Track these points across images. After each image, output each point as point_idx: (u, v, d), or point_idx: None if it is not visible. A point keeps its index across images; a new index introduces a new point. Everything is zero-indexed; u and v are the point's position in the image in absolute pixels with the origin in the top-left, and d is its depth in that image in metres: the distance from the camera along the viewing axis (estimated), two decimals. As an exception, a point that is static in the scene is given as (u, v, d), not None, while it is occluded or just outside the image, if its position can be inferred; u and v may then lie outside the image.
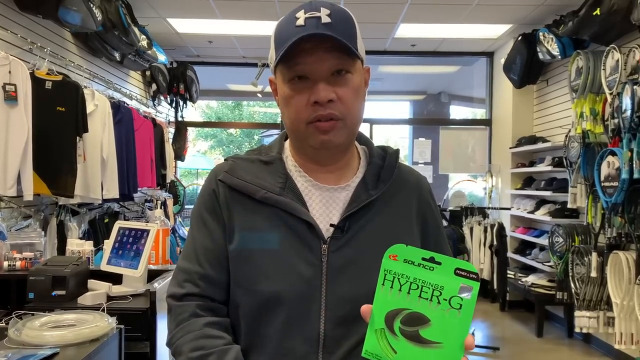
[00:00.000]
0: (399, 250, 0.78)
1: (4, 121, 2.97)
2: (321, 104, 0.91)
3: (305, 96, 0.92)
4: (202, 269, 0.98)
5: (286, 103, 0.96)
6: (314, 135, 0.94)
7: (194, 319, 0.96)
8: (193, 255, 1.00)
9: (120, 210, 4.83)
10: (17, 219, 3.22)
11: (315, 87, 0.91)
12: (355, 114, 0.97)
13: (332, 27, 0.90)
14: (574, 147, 4.27)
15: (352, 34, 0.93)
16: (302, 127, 0.95)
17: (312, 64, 0.91)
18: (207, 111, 17.34)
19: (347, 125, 0.95)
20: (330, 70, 0.92)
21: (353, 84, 0.95)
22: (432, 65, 7.59)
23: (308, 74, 0.92)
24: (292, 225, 0.96)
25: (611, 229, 3.66)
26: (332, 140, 0.95)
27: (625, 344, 3.59)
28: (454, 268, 0.76)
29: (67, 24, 3.46)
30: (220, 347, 0.92)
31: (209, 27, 5.61)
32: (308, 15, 0.91)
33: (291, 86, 0.94)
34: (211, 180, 1.03)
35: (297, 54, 0.91)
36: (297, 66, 0.92)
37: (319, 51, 0.90)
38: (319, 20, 0.90)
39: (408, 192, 1.06)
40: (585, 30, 4.06)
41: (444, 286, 0.75)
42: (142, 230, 2.04)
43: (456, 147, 6.67)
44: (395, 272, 0.77)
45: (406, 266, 0.77)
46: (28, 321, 1.50)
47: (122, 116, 4.32)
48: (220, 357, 0.90)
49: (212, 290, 0.98)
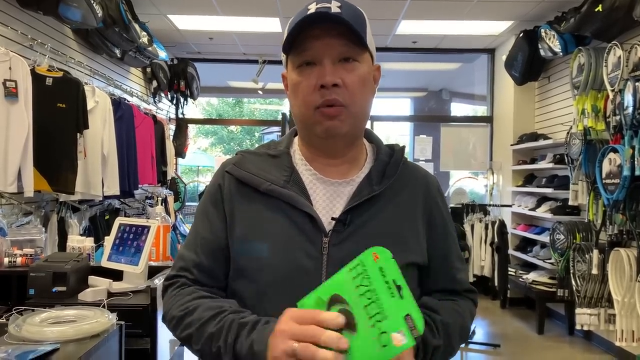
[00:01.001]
0: (383, 255, 0.75)
1: (5, 117, 2.97)
2: (327, 88, 0.93)
3: (312, 81, 0.94)
4: (197, 258, 1.01)
5: (295, 90, 0.98)
6: (320, 121, 0.96)
7: (187, 288, 0.99)
8: (192, 245, 1.03)
9: (120, 207, 4.82)
10: (18, 215, 3.22)
11: (322, 71, 0.93)
12: (361, 104, 0.97)
13: (341, 16, 0.92)
14: (575, 144, 4.27)
15: (361, 26, 0.95)
16: (309, 113, 0.96)
17: (320, 48, 0.93)
18: (207, 108, 17.34)
19: (352, 113, 0.96)
20: (337, 56, 0.94)
21: (360, 73, 0.96)
22: (433, 62, 7.58)
23: (316, 59, 0.94)
24: (294, 217, 0.97)
25: (612, 226, 3.65)
26: (338, 127, 0.96)
27: (626, 341, 3.59)
28: (405, 312, 0.72)
29: (67, 20, 3.45)
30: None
31: (209, 23, 5.61)
32: (319, 6, 0.94)
33: (300, 72, 0.96)
34: (219, 173, 1.06)
35: (306, 40, 0.94)
36: (305, 52, 0.94)
37: (327, 37, 0.93)
38: (328, 10, 0.93)
39: (414, 189, 1.05)
40: (587, 26, 4.05)
41: (388, 318, 0.72)
42: (142, 226, 2.04)
43: (457, 144, 6.66)
44: (365, 270, 0.75)
45: (377, 273, 0.74)
46: (28, 317, 1.50)
47: (123, 113, 4.32)
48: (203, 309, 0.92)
49: (204, 278, 1.01)
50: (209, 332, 0.89)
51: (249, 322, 0.86)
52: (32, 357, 1.28)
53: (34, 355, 1.28)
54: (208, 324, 0.89)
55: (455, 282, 1.08)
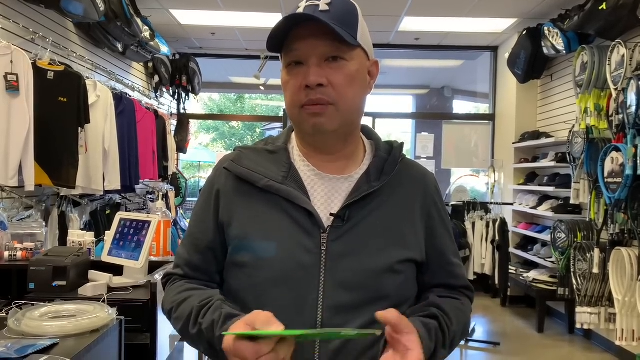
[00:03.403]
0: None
1: (6, 111, 2.96)
2: (312, 88, 0.93)
3: (299, 80, 0.95)
4: (188, 256, 1.06)
5: (284, 88, 1.00)
6: (306, 119, 0.97)
7: (177, 283, 1.06)
8: (186, 242, 1.07)
9: (121, 202, 4.82)
10: (19, 209, 3.22)
11: (307, 71, 0.94)
12: (349, 101, 0.97)
13: (328, 14, 0.92)
14: (577, 143, 4.25)
15: (350, 23, 0.95)
16: (295, 111, 0.98)
17: (305, 49, 0.94)
18: (209, 104, 17.32)
19: (340, 110, 0.96)
20: (323, 55, 0.94)
21: (347, 71, 0.96)
22: (436, 59, 7.56)
23: (302, 59, 0.95)
24: (292, 213, 0.97)
25: (614, 225, 3.64)
26: (324, 124, 0.96)
27: (626, 340, 3.59)
28: None
29: (69, 14, 3.44)
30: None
31: (211, 18, 5.59)
32: (308, 3, 0.94)
33: (288, 71, 0.98)
34: (216, 170, 1.08)
35: (294, 40, 0.95)
36: (293, 52, 0.96)
37: (312, 37, 0.93)
38: (316, 8, 0.93)
39: (413, 186, 1.06)
40: (590, 25, 4.03)
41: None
42: (143, 221, 2.03)
43: (459, 142, 6.65)
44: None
45: None
46: (28, 311, 1.50)
47: (125, 107, 4.31)
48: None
49: (195, 274, 1.05)
50: (190, 330, 0.96)
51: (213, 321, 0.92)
52: (32, 351, 1.27)
53: (34, 350, 1.28)
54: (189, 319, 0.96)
55: (452, 277, 1.09)
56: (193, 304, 0.96)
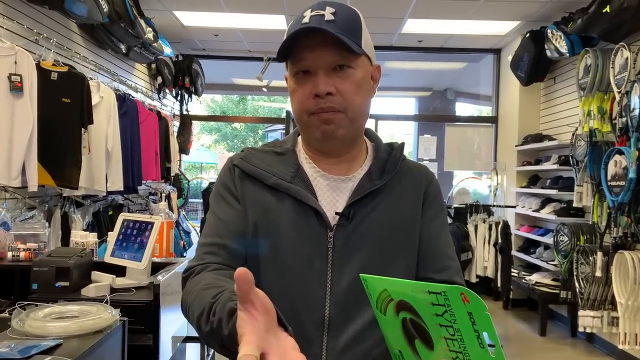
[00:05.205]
0: (475, 302, 0.66)
1: (9, 112, 2.97)
2: (321, 97, 0.96)
3: (307, 89, 0.98)
4: (222, 240, 1.00)
5: (292, 96, 1.02)
6: (316, 126, 0.99)
7: (206, 273, 0.95)
8: (213, 230, 1.02)
9: (124, 203, 4.83)
10: (22, 209, 3.22)
11: (316, 80, 0.96)
12: (357, 107, 1.00)
13: (334, 24, 0.95)
14: (580, 146, 4.25)
15: (355, 32, 0.98)
16: (305, 117, 1.00)
17: (314, 59, 0.97)
18: (211, 105, 17.35)
19: (349, 117, 0.99)
20: (331, 65, 0.97)
21: (354, 79, 0.99)
22: (439, 61, 7.55)
23: (310, 68, 0.97)
24: (300, 212, 1.00)
25: (617, 228, 3.64)
26: (334, 131, 0.99)
27: (629, 344, 3.58)
28: None
29: (73, 15, 3.45)
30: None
31: (215, 20, 5.60)
32: (314, 13, 0.97)
33: (296, 80, 1.00)
34: (227, 166, 1.09)
35: (301, 50, 0.97)
36: (301, 61, 0.98)
37: (319, 47, 0.96)
38: (322, 18, 0.95)
39: (414, 184, 1.09)
40: (594, 27, 4.03)
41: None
42: (146, 222, 2.04)
43: (461, 144, 6.64)
44: (450, 306, 0.68)
45: (464, 316, 0.68)
46: (31, 312, 1.50)
47: (128, 108, 4.32)
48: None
49: (232, 261, 0.98)
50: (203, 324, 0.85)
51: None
52: (35, 352, 1.27)
53: (37, 351, 1.28)
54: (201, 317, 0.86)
55: (448, 272, 1.09)
56: (205, 301, 0.88)
